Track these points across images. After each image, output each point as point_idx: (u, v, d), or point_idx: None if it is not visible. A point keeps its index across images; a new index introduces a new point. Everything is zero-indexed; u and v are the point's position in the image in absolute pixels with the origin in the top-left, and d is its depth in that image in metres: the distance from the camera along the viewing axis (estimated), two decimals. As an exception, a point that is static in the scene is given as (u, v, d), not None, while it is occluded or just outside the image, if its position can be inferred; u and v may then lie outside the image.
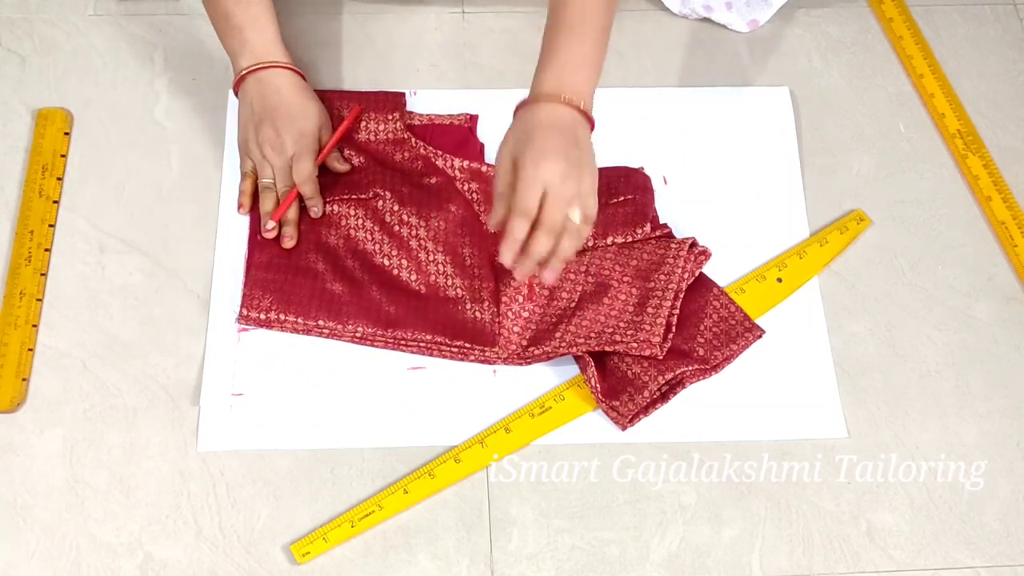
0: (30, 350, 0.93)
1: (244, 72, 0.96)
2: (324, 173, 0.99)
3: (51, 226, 0.98)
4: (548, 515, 0.89)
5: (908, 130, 1.09)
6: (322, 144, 0.98)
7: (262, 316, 0.93)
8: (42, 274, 0.96)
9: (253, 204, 0.98)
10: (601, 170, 1.00)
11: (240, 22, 0.96)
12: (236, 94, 0.98)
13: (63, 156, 1.02)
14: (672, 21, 1.14)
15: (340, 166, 0.99)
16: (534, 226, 0.83)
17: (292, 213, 0.96)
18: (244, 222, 0.98)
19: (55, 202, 0.99)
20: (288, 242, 0.95)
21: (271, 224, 0.95)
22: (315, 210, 0.97)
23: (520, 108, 0.88)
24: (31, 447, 0.89)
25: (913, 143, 1.08)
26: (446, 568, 0.86)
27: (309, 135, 0.96)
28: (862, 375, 0.95)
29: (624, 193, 0.99)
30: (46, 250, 0.97)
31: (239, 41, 0.96)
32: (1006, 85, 1.12)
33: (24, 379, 0.91)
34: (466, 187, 1.00)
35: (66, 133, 1.03)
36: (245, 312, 0.93)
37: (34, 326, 0.93)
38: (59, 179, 1.00)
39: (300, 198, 0.97)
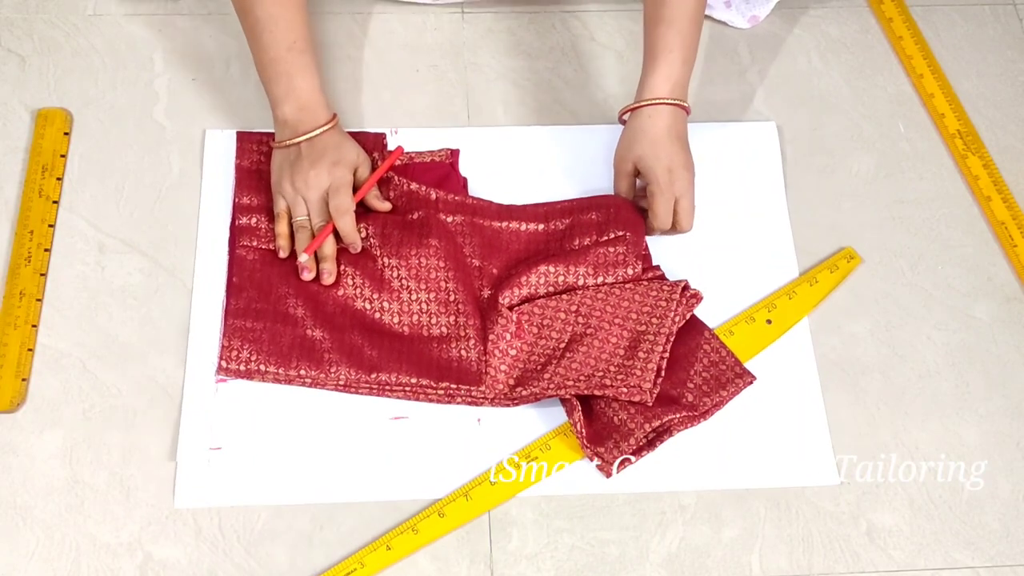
0: (30, 350, 0.93)
1: (296, 143, 0.94)
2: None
3: (51, 226, 0.98)
4: (548, 515, 0.89)
5: (908, 130, 1.09)
6: (359, 182, 0.97)
7: (242, 368, 0.91)
8: (42, 274, 0.96)
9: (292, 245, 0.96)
10: (589, 202, 1.00)
11: (288, 68, 0.94)
12: (272, 146, 0.96)
13: (63, 156, 1.02)
14: (672, 21, 1.14)
15: (380, 204, 0.98)
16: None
17: (329, 248, 0.94)
18: (221, 270, 0.96)
19: (55, 202, 0.99)
20: (327, 278, 0.94)
21: (304, 257, 0.93)
22: (354, 247, 0.95)
23: (634, 111, 0.95)
24: (31, 447, 0.89)
25: (913, 143, 1.08)
26: (446, 568, 0.86)
27: (344, 168, 0.94)
28: (862, 375, 0.95)
29: (615, 228, 0.97)
30: (46, 250, 0.97)
31: (285, 88, 0.94)
32: (1006, 85, 1.12)
33: (24, 379, 0.91)
34: (450, 219, 0.98)
35: (66, 133, 1.03)
36: (224, 364, 0.91)
37: (34, 326, 0.93)
38: (59, 179, 1.00)
39: (336, 235, 0.95)
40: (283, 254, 0.95)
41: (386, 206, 0.98)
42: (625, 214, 0.98)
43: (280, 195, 0.96)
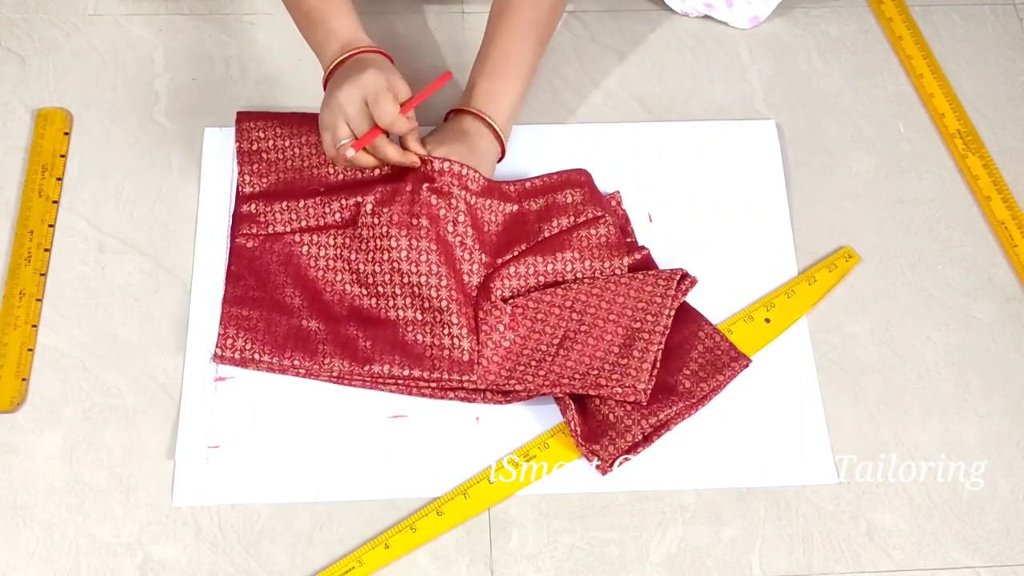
0: (30, 350, 0.93)
1: (332, 66, 0.92)
2: (309, 194, 0.97)
3: (51, 226, 0.98)
4: (548, 515, 0.89)
5: (908, 130, 1.09)
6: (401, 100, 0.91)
7: (236, 356, 0.91)
8: (42, 274, 0.96)
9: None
10: (560, 180, 0.99)
11: (322, 15, 0.93)
12: (326, 88, 0.93)
13: (63, 156, 1.02)
14: (672, 21, 1.14)
15: (416, 145, 0.94)
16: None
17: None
18: (220, 269, 0.96)
19: (55, 202, 0.99)
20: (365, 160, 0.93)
21: (351, 152, 0.90)
22: (414, 146, 0.93)
23: (468, 114, 0.97)
24: (31, 447, 0.89)
25: (913, 143, 1.08)
26: (446, 568, 0.86)
27: (377, 75, 0.89)
28: (862, 375, 0.95)
29: (592, 208, 0.97)
30: (46, 250, 0.97)
31: (323, 33, 0.93)
32: (1005, 85, 1.12)
33: (24, 379, 0.91)
34: (454, 193, 0.96)
35: (66, 133, 1.03)
36: (219, 352, 0.91)
37: (34, 326, 0.94)
38: (59, 179, 1.00)
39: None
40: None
41: (419, 149, 0.94)
42: (598, 193, 0.99)
43: (324, 130, 0.92)
